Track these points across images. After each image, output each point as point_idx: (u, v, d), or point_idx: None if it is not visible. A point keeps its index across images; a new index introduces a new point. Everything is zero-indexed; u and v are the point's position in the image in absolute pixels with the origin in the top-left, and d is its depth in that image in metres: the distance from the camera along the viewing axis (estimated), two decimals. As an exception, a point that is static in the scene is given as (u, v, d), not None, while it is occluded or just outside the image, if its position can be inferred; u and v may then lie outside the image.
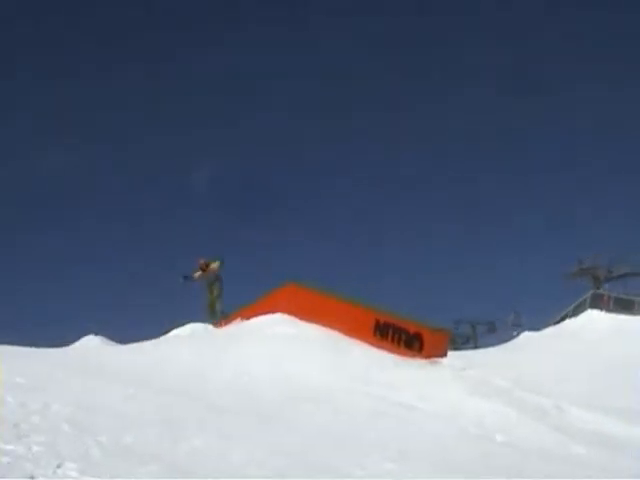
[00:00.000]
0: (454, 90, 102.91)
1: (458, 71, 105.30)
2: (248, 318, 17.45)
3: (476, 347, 47.16)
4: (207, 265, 20.81)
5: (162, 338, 18.73)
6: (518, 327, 48.28)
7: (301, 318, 16.27)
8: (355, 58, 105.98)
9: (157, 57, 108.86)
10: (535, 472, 8.26)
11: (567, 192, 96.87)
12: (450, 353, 16.09)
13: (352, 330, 15.39)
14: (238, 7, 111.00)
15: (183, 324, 22.57)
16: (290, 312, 16.67)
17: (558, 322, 45.40)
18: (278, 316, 16.65)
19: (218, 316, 20.34)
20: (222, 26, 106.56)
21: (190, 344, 15.62)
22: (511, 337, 42.20)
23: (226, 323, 18.63)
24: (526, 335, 41.30)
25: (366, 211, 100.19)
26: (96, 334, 34.10)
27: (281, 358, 13.26)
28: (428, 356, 14.31)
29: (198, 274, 20.98)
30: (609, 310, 44.61)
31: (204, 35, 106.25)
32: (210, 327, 20.09)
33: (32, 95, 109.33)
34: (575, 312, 45.60)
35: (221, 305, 20.78)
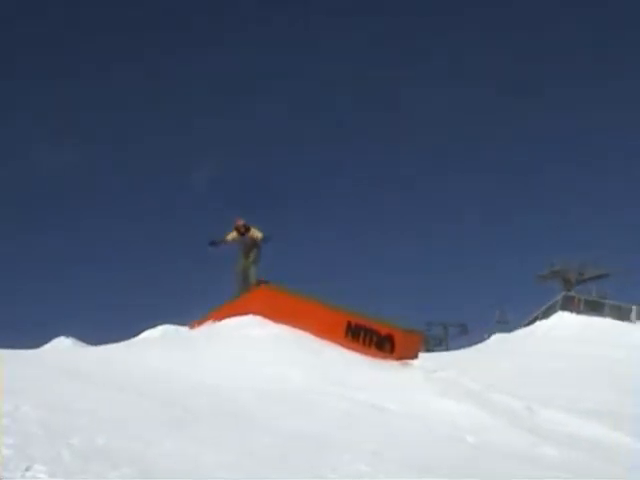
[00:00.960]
0: (454, 90, 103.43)
1: (458, 71, 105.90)
2: (220, 320, 17.39)
3: (448, 349, 47.35)
4: (247, 229, 18.45)
5: (134, 340, 18.66)
6: (505, 324, 48.65)
7: (273, 319, 16.26)
8: (355, 58, 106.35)
9: (157, 57, 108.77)
10: (508, 473, 8.30)
11: (559, 193, 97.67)
12: (422, 355, 16.14)
13: (324, 332, 15.40)
14: (238, 7, 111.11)
15: (154, 325, 22.46)
16: (262, 313, 16.65)
17: (529, 324, 45.71)
18: (250, 318, 16.62)
19: (251, 283, 18.54)
20: (222, 26, 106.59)
21: (162, 346, 15.57)
22: (482, 339, 42.42)
23: (198, 325, 18.54)
24: (497, 337, 41.49)
25: (366, 211, 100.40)
26: (67, 336, 33.98)
27: (253, 360, 13.25)
28: (400, 357, 14.35)
29: (232, 235, 18.62)
30: (579, 312, 44.97)
31: (204, 35, 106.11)
32: (182, 329, 19.97)
33: (32, 95, 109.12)
34: (546, 314, 45.94)
35: (256, 272, 18.55)
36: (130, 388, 10.62)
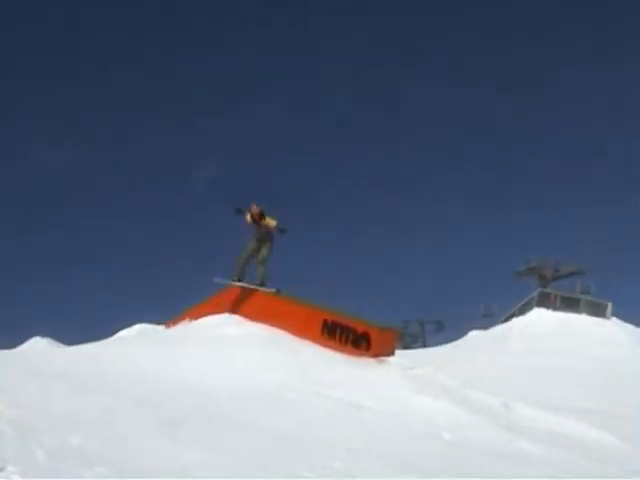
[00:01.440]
0: (454, 90, 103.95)
1: (458, 71, 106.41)
2: (196, 318, 17.33)
3: (425, 346, 47.54)
4: (262, 216, 17.19)
5: (110, 339, 18.58)
6: (490, 317, 48.96)
7: (249, 318, 16.21)
8: (355, 58, 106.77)
9: (157, 57, 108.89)
10: (485, 470, 8.30)
11: (545, 191, 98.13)
12: (399, 352, 16.14)
13: (300, 330, 15.36)
14: (238, 7, 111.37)
15: (130, 325, 22.39)
16: (238, 312, 16.61)
17: (505, 320, 45.95)
18: (226, 316, 16.56)
19: (256, 282, 17.34)
20: (222, 26, 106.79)
21: (137, 345, 15.49)
22: (459, 335, 42.62)
23: (174, 324, 18.46)
24: (474, 334, 41.65)
25: (366, 211, 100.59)
26: (43, 336, 33.88)
27: (229, 359, 13.21)
28: (376, 355, 14.33)
29: (248, 219, 17.38)
30: (555, 308, 45.28)
31: (204, 35, 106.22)
32: (158, 328, 19.88)
33: (32, 95, 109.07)
34: (522, 310, 46.20)
35: (264, 271, 17.34)
36: (105, 388, 10.57)
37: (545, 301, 46.25)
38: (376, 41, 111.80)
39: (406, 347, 41.89)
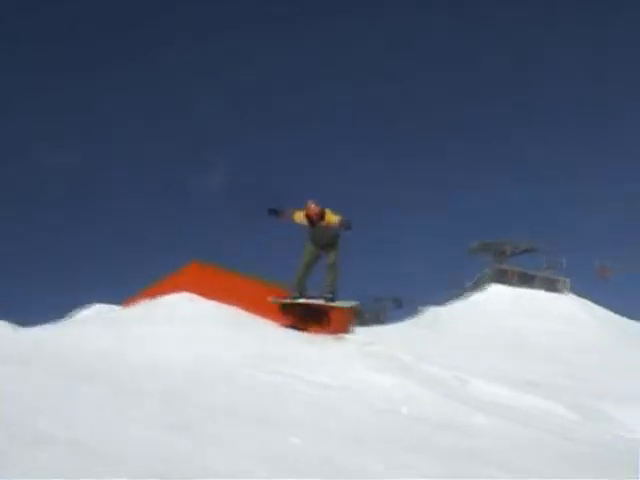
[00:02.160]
0: (453, 89, 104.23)
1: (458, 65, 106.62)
2: (153, 297, 17.26)
3: (383, 322, 47.70)
4: (322, 215, 14.56)
5: (67, 320, 18.49)
6: (460, 289, 49.38)
7: (206, 296, 16.18)
8: (355, 57, 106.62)
9: (157, 57, 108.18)
10: (441, 443, 8.37)
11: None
12: (357, 329, 16.21)
13: (258, 307, 15.37)
14: (238, 6, 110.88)
15: (88, 305, 22.27)
16: (195, 290, 16.56)
17: (462, 296, 46.28)
18: (183, 295, 16.52)
19: (333, 290, 14.93)
20: (222, 26, 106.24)
21: (96, 325, 15.42)
22: (418, 312, 42.85)
23: (131, 303, 18.38)
24: (432, 310, 41.89)
25: (369, 209, 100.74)
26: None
27: (187, 337, 13.18)
28: (334, 331, 14.39)
29: (301, 218, 14.90)
30: (512, 284, 45.78)
31: (204, 34, 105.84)
32: (116, 307, 19.79)
33: (32, 95, 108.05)
34: (478, 286, 46.60)
35: (336, 276, 14.85)
36: (64, 369, 10.51)
37: (502, 277, 46.79)
38: (376, 37, 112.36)
39: (364, 324, 42.04)
